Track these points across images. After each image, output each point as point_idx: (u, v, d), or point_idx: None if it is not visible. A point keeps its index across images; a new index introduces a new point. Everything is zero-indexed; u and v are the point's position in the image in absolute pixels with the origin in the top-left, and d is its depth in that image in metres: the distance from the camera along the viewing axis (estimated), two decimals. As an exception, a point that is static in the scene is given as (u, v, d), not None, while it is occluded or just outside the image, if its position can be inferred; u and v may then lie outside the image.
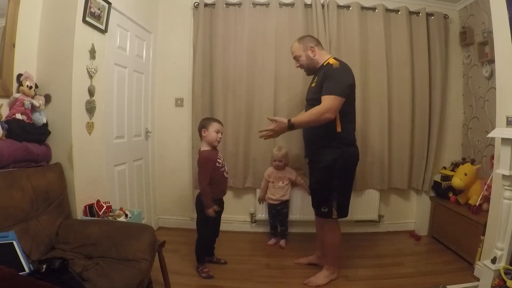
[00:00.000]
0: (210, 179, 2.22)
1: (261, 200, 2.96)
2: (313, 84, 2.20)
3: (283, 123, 2.00)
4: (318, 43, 2.24)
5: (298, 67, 2.28)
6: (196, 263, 2.35)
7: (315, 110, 1.98)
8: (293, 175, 2.86)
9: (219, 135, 2.28)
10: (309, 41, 2.21)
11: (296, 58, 2.24)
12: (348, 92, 2.02)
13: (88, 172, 2.08)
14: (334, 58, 2.13)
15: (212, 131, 2.26)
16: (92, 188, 2.11)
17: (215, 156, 2.29)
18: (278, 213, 2.88)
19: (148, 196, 3.01)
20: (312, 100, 2.14)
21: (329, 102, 1.96)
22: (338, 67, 2.04)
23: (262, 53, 2.96)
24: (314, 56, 2.17)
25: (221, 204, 2.39)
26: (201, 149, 2.30)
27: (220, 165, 2.31)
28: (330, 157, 2.06)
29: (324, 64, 2.14)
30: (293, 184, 2.89)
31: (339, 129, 2.05)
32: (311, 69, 2.23)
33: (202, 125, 2.30)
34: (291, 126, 2.00)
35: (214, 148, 2.32)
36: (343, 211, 2.13)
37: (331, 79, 2.00)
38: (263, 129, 2.09)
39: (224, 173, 2.34)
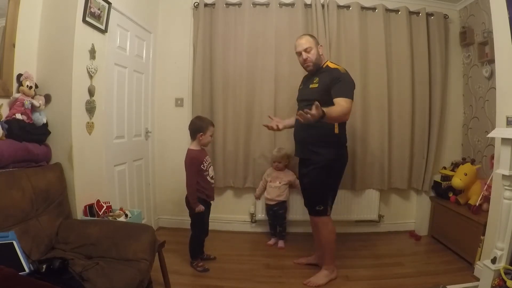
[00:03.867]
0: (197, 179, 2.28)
1: (256, 198, 2.98)
2: (315, 85, 2.18)
3: (316, 114, 1.83)
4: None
5: (305, 59, 2.17)
6: (190, 259, 2.39)
7: (342, 108, 1.95)
8: (293, 177, 2.86)
9: (212, 137, 2.41)
10: (317, 40, 2.25)
11: (307, 50, 2.16)
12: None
13: (88, 172, 2.08)
14: (332, 62, 2.21)
15: (208, 135, 2.34)
16: (92, 188, 2.11)
17: (202, 157, 2.33)
18: (275, 213, 2.88)
19: (148, 196, 3.01)
20: (313, 101, 2.09)
21: (348, 105, 2.00)
22: (345, 72, 2.13)
23: (262, 53, 2.97)
24: (320, 55, 2.21)
25: (210, 206, 2.45)
26: (190, 148, 2.34)
27: (204, 168, 2.32)
28: (327, 157, 2.11)
29: (324, 66, 2.19)
30: (291, 186, 2.89)
31: (337, 130, 2.12)
32: (315, 66, 2.18)
33: (199, 128, 2.31)
34: (323, 117, 1.84)
35: (202, 148, 2.37)
36: (332, 208, 2.24)
37: (343, 83, 2.05)
38: (306, 111, 1.84)
39: (208, 177, 2.34)
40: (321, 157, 2.11)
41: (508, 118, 2.00)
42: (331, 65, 2.20)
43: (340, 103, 1.98)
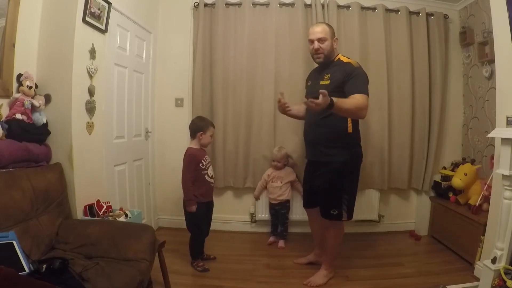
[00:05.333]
0: (192, 178, 2.28)
1: (255, 198, 2.99)
2: (326, 82, 2.05)
3: (324, 102, 1.68)
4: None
5: (316, 49, 2.05)
6: (191, 259, 2.40)
7: (357, 102, 1.83)
8: (293, 177, 2.86)
9: (212, 139, 2.42)
10: (334, 32, 2.13)
11: (320, 40, 2.03)
12: None
13: (88, 172, 2.07)
14: (344, 56, 2.11)
15: (208, 135, 2.35)
16: (92, 188, 2.11)
17: (201, 156, 2.33)
18: (277, 213, 2.88)
19: (148, 196, 3.01)
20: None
21: (364, 101, 1.88)
22: (358, 66, 2.01)
23: (262, 53, 2.96)
24: (334, 48, 2.10)
25: (209, 207, 2.45)
26: (189, 146, 2.36)
27: (203, 167, 2.32)
28: (340, 159, 2.02)
29: (335, 60, 2.09)
30: (292, 185, 2.89)
31: (350, 129, 2.03)
32: (326, 58, 2.08)
33: (200, 128, 2.33)
34: (330, 105, 1.72)
35: (202, 148, 2.38)
36: (351, 213, 2.13)
37: (357, 78, 1.94)
38: (311, 100, 1.67)
39: (206, 176, 2.34)
40: (334, 159, 2.02)
41: (508, 118, 2.00)
42: (343, 59, 2.07)
43: (356, 97, 1.87)
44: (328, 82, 2.05)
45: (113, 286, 1.40)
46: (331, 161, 2.05)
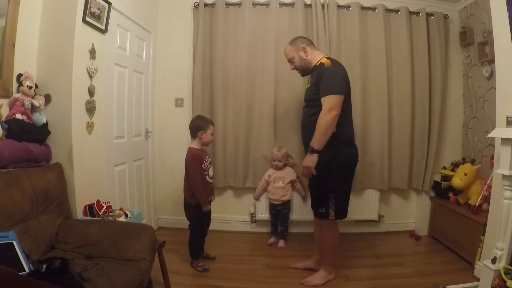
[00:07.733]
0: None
1: (256, 199, 2.98)
2: (308, 85, 2.20)
3: (307, 157, 2.01)
4: (310, 43, 2.22)
5: (293, 69, 2.27)
6: (190, 258, 2.40)
7: (320, 117, 1.97)
8: (294, 176, 2.86)
9: (213, 137, 2.42)
10: (300, 42, 2.20)
11: (290, 61, 2.24)
12: (344, 88, 2.01)
13: (88, 172, 2.07)
14: (327, 58, 2.12)
15: (209, 134, 2.35)
16: (92, 188, 2.11)
17: (203, 157, 2.34)
18: (278, 213, 2.88)
19: (148, 196, 3.01)
20: (309, 101, 2.15)
21: (329, 101, 1.95)
22: (330, 66, 2.03)
23: (262, 53, 2.96)
24: (306, 57, 2.16)
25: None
26: (191, 146, 2.35)
27: (205, 168, 2.33)
28: (326, 158, 2.02)
29: (317, 64, 2.13)
30: (293, 185, 2.89)
31: (334, 129, 2.02)
32: (305, 69, 2.21)
33: (200, 127, 2.33)
34: (313, 151, 1.98)
35: (203, 148, 2.39)
36: (341, 212, 2.11)
37: (325, 79, 2.00)
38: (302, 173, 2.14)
39: (207, 177, 2.35)
40: (321, 157, 2.03)
41: (508, 118, 2.00)
42: (323, 61, 2.09)
43: (323, 103, 1.97)
44: (309, 85, 2.18)
45: (113, 286, 1.40)
46: (319, 160, 2.03)
